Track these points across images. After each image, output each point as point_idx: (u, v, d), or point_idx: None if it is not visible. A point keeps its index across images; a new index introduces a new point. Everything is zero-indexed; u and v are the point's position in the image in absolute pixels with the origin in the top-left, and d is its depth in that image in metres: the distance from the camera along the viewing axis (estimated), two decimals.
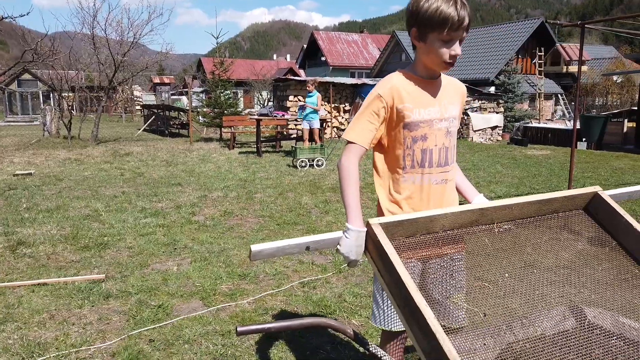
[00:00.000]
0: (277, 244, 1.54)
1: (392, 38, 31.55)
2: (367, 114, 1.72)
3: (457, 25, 1.60)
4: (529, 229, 1.71)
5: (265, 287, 3.64)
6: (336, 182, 7.89)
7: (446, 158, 1.81)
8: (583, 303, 1.65)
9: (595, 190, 1.72)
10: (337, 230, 5.08)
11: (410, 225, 1.54)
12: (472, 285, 1.66)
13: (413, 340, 1.40)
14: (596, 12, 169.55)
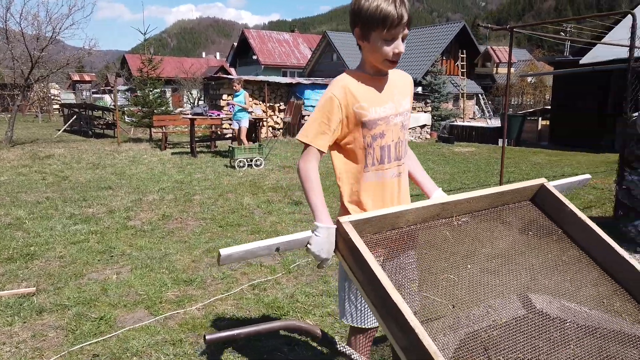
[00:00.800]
0: (247, 246, 1.49)
1: (323, 38, 31.88)
2: (321, 116, 1.71)
3: (397, 23, 1.62)
4: (484, 221, 1.79)
5: (214, 291, 3.53)
6: (277, 181, 7.84)
7: (401, 151, 1.85)
8: (533, 290, 1.75)
9: (541, 182, 1.82)
10: (281, 230, 5.06)
11: (378, 222, 1.55)
12: (437, 277, 1.71)
13: (390, 337, 1.40)
14: (510, 17, 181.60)
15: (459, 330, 1.62)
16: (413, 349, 1.31)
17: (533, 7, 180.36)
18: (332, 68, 30.19)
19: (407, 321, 1.30)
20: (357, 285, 1.50)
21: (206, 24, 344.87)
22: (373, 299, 1.45)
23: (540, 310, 1.72)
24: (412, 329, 1.28)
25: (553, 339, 1.56)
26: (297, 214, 5.80)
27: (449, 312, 1.58)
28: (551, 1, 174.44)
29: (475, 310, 1.67)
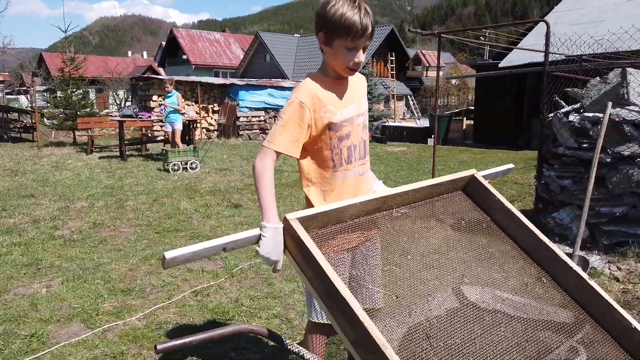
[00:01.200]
0: (193, 248, 1.47)
1: (255, 39, 31.65)
2: (293, 123, 1.69)
3: (361, 33, 1.66)
4: (421, 212, 1.89)
5: (154, 300, 3.43)
6: (214, 184, 7.70)
7: (364, 150, 1.92)
8: (467, 282, 1.88)
9: (472, 173, 1.95)
10: (222, 234, 4.99)
11: (323, 217, 1.59)
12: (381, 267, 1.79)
13: (339, 330, 1.45)
14: (434, 21, 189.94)
15: (403, 323, 1.71)
16: (362, 342, 1.36)
17: (455, 12, 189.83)
18: (265, 69, 30.06)
19: (356, 315, 1.34)
20: (305, 281, 1.52)
21: (131, 21, 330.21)
22: (321, 294, 1.49)
23: (474, 300, 1.85)
24: (360, 323, 1.33)
25: (486, 324, 1.69)
26: (237, 217, 5.75)
27: (394, 306, 1.66)
28: (471, 7, 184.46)
29: (417, 303, 1.77)
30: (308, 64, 29.32)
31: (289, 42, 32.39)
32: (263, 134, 16.07)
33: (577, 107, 4.33)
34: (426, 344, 1.58)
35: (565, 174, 4.25)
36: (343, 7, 1.64)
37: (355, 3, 1.66)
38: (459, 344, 1.57)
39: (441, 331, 1.63)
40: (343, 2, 1.65)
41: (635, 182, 3.80)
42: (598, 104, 4.12)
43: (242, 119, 15.67)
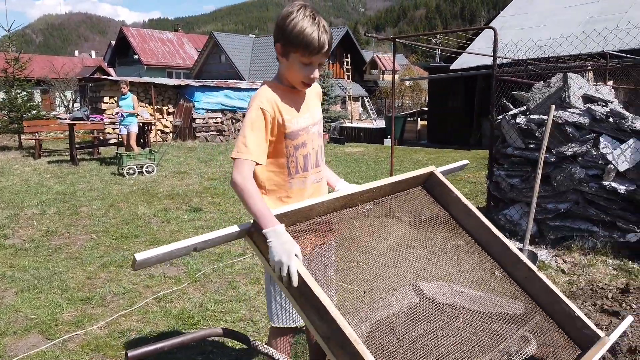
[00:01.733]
0: (164, 249, 1.45)
1: (210, 39, 31.20)
2: (258, 130, 1.70)
3: (318, 50, 1.69)
4: (384, 208, 1.99)
5: (115, 308, 3.37)
6: (172, 188, 7.58)
7: (320, 158, 1.97)
8: (428, 278, 1.99)
9: (431, 169, 2.07)
10: (182, 239, 4.93)
11: (293, 215, 1.65)
12: (349, 265, 1.87)
13: (311, 327, 1.51)
14: (387, 23, 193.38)
15: (369, 318, 1.79)
16: (334, 336, 1.42)
17: (407, 15, 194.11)
18: (220, 69, 29.70)
19: (328, 312, 1.41)
20: (276, 279, 1.56)
21: (77, 19, 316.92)
22: (293, 292, 1.54)
23: (434, 294, 1.97)
24: (333, 319, 1.40)
25: (445, 316, 1.81)
26: (197, 220, 5.70)
27: (360, 302, 1.75)
28: (422, 10, 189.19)
29: (383, 299, 1.87)
30: (264, 65, 29.22)
31: (244, 42, 32.14)
32: (220, 136, 15.90)
33: (523, 110, 4.59)
34: (392, 337, 1.68)
35: (514, 173, 4.49)
36: (303, 22, 1.66)
37: (315, 20, 1.69)
38: (422, 335, 1.68)
39: (405, 324, 1.73)
40: (303, 17, 1.68)
41: (577, 180, 4.07)
42: (542, 106, 4.39)
43: (198, 120, 15.44)
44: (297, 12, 1.70)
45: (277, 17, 1.77)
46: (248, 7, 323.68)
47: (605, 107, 4.18)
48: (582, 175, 4.05)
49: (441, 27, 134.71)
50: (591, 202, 4.10)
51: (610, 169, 3.92)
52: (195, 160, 10.87)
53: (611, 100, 4.34)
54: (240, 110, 16.17)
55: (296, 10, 1.70)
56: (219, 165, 10.25)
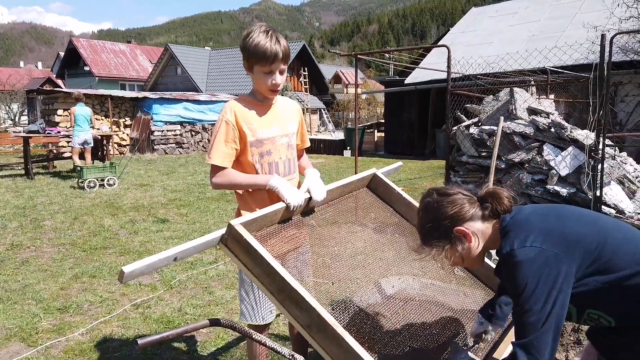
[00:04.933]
0: (147, 260, 1.60)
1: (165, 51, 30.85)
2: (221, 138, 1.99)
3: (273, 59, 1.95)
4: (337, 208, 2.23)
5: (94, 315, 3.43)
6: (137, 200, 7.55)
7: (290, 167, 2.19)
8: (399, 272, 2.25)
9: (373, 171, 2.37)
10: (152, 249, 4.99)
11: (260, 221, 1.86)
12: (316, 260, 2.09)
13: (292, 319, 1.70)
14: (341, 37, 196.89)
15: (347, 308, 2.02)
16: (314, 324, 1.60)
17: (360, 29, 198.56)
18: (177, 81, 29.41)
19: (307, 302, 1.60)
20: (253, 279, 1.75)
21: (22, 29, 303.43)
22: (271, 289, 1.72)
23: (406, 285, 2.23)
24: (312, 308, 1.59)
25: (417, 301, 2.07)
26: (165, 231, 5.75)
27: (337, 297, 1.97)
28: (375, 25, 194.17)
29: (361, 291, 2.11)
30: (221, 77, 29.18)
31: (200, 55, 31.99)
32: (179, 148, 15.79)
33: (476, 121, 5.00)
34: (368, 322, 1.91)
35: (469, 179, 4.87)
36: (258, 37, 1.94)
37: (269, 34, 1.96)
38: (395, 320, 1.93)
39: (380, 313, 1.97)
40: (259, 33, 1.96)
41: (525, 184, 4.48)
42: (492, 118, 4.80)
43: (156, 133, 15.29)
44: (255, 31, 1.99)
45: (241, 40, 2.04)
46: (202, 19, 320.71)
47: (547, 119, 4.64)
48: (529, 180, 4.46)
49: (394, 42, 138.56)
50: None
51: (553, 174, 4.35)
52: (156, 173, 10.81)
53: (552, 112, 4.81)
54: (200, 122, 16.14)
55: (254, 30, 1.99)
56: (181, 177, 10.24)
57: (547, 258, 1.27)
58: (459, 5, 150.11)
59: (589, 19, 11.46)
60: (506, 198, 1.44)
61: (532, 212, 1.41)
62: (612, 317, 1.34)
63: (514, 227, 1.37)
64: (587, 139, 4.26)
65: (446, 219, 1.44)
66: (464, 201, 1.45)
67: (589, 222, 1.37)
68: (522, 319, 1.29)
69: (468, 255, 1.45)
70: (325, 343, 1.60)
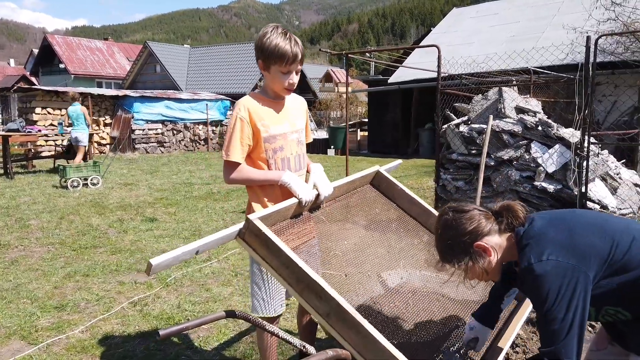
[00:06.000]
0: (172, 253, 1.66)
1: (144, 48, 30.39)
2: (237, 135, 2.03)
3: (292, 60, 2.02)
4: (344, 203, 2.30)
5: (92, 313, 3.41)
6: (123, 199, 7.47)
7: (300, 163, 2.25)
8: (402, 265, 2.32)
9: (376, 169, 2.45)
10: (144, 247, 4.98)
11: (276, 215, 1.92)
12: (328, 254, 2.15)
13: (310, 308, 1.75)
14: (321, 36, 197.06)
15: (359, 298, 2.07)
16: (333, 312, 1.66)
17: (340, 28, 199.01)
18: (156, 79, 29.02)
19: (327, 292, 1.66)
20: (271, 271, 1.80)
21: None
22: (290, 280, 1.78)
23: (408, 279, 2.30)
24: (332, 298, 1.65)
25: (418, 294, 2.15)
26: (155, 230, 5.71)
27: (348, 286, 2.03)
28: (355, 24, 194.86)
29: (368, 282, 2.17)
30: (201, 75, 28.91)
31: (180, 52, 31.62)
32: (161, 147, 15.62)
33: (465, 120, 5.11)
34: (381, 312, 1.98)
35: (459, 176, 4.98)
36: (277, 39, 1.99)
37: (287, 35, 2.02)
38: (401, 308, 2.01)
39: (387, 302, 2.04)
40: (276, 34, 2.00)
41: (513, 181, 4.61)
42: (482, 117, 4.92)
43: (137, 132, 15.09)
44: (270, 32, 2.03)
45: (255, 39, 2.10)
46: (180, 17, 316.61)
47: (534, 117, 4.78)
48: (518, 177, 4.59)
49: (374, 42, 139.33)
50: (525, 200, 4.65)
51: (540, 171, 4.49)
52: (139, 172, 10.69)
53: (539, 111, 4.96)
54: (182, 121, 16.00)
55: (270, 31, 2.04)
56: (165, 176, 10.15)
57: (565, 269, 1.35)
58: (438, 6, 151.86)
59: (567, 20, 11.77)
60: (520, 211, 1.50)
61: (546, 224, 1.46)
62: (629, 311, 1.43)
63: (529, 240, 1.43)
64: (573, 137, 4.41)
65: (465, 235, 1.49)
66: (480, 217, 1.51)
67: (598, 229, 1.43)
68: (547, 328, 1.37)
69: (489, 268, 1.50)
70: (345, 331, 1.65)
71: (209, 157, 14.51)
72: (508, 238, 1.51)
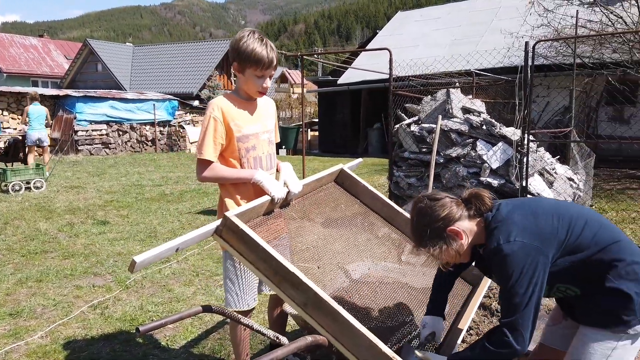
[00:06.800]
0: (154, 251, 1.72)
1: (84, 46, 29.12)
2: (210, 134, 2.10)
3: (268, 65, 2.11)
4: (312, 200, 2.43)
5: (51, 318, 3.33)
6: (70, 202, 7.20)
7: (271, 162, 2.34)
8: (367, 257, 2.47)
9: (340, 167, 2.60)
10: (98, 251, 4.88)
11: (250, 213, 2.01)
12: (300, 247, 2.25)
13: (287, 299, 1.86)
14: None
15: (330, 287, 2.20)
16: (310, 302, 1.77)
17: (287, 29, 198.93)
18: (97, 79, 27.90)
19: (304, 282, 1.77)
20: (249, 266, 1.89)
21: None
22: (267, 273, 1.88)
23: (374, 268, 2.45)
24: (309, 288, 1.76)
25: (382, 281, 2.30)
26: (108, 233, 5.58)
27: (320, 277, 2.15)
28: (301, 25, 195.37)
29: (338, 273, 2.30)
30: (146, 74, 28.07)
31: (123, 51, 30.55)
32: (106, 149, 15.09)
33: (416, 120, 5.36)
34: (352, 298, 2.11)
35: (411, 173, 5.22)
36: (254, 44, 2.07)
37: (263, 41, 2.11)
38: (369, 296, 2.15)
39: (356, 291, 2.18)
40: (253, 39, 2.09)
41: (461, 177, 4.90)
42: (431, 117, 5.18)
43: (80, 133, 14.51)
44: (247, 36, 2.12)
45: (231, 41, 2.17)
46: (120, 14, 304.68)
47: (479, 117, 5.09)
48: (465, 173, 4.88)
49: (320, 42, 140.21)
50: None
51: (485, 167, 4.80)
52: (85, 175, 10.31)
53: (483, 111, 5.29)
54: (128, 121, 15.52)
55: (247, 35, 2.12)
56: (114, 178, 9.85)
57: (529, 250, 1.52)
58: (382, 9, 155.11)
59: (504, 25, 12.46)
60: (487, 198, 1.66)
61: (512, 210, 1.63)
62: (578, 287, 1.63)
63: (497, 224, 1.60)
64: (514, 135, 4.74)
65: (439, 221, 1.63)
66: (452, 204, 1.65)
67: (557, 214, 1.62)
68: (508, 302, 1.54)
69: (461, 250, 1.65)
70: (322, 318, 1.77)
71: (157, 158, 14.17)
72: (477, 223, 1.66)
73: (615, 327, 1.58)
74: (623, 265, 1.56)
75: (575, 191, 5.49)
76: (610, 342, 1.60)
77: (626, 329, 1.58)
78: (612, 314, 1.58)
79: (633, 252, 1.60)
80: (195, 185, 8.87)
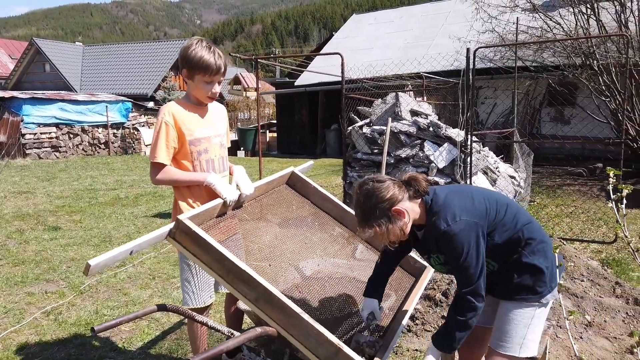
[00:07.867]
0: (108, 254, 1.79)
1: (30, 46, 27.91)
2: (162, 138, 2.19)
3: (216, 72, 2.22)
4: (263, 202, 2.55)
5: (2, 325, 3.29)
6: (19, 209, 6.99)
7: (223, 165, 2.45)
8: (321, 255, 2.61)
9: (292, 169, 2.75)
10: (50, 257, 4.82)
11: (203, 215, 2.12)
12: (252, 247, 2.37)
13: (240, 296, 1.98)
14: (225, 36, 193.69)
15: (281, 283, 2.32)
16: (261, 297, 1.89)
17: (244, 29, 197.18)
18: (45, 79, 26.82)
19: (254, 279, 1.89)
20: (202, 266, 1.99)
21: None
22: (220, 272, 1.99)
23: (323, 264, 2.60)
24: (259, 283, 1.89)
25: (331, 277, 2.45)
26: (61, 238, 5.48)
27: (271, 274, 2.28)
28: (259, 25, 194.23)
29: (289, 271, 2.43)
30: (97, 75, 27.22)
31: (72, 51, 29.47)
32: (56, 152, 14.59)
33: (368, 122, 5.57)
34: (302, 293, 2.25)
35: (364, 174, 5.42)
36: (201, 51, 2.18)
37: (211, 49, 2.22)
38: (318, 291, 2.29)
39: (306, 286, 2.32)
40: (201, 47, 2.20)
41: None
42: (382, 119, 5.40)
43: (28, 136, 13.96)
44: (195, 44, 2.23)
45: (180, 50, 2.27)
46: (69, 12, 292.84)
47: (426, 119, 5.35)
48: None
49: (278, 43, 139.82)
50: None
51: (432, 167, 5.05)
52: (34, 179, 9.98)
53: (430, 113, 5.56)
54: (79, 124, 15.06)
55: (195, 43, 2.24)
56: (65, 183, 9.59)
57: (472, 226, 1.74)
58: (339, 10, 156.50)
59: (453, 29, 12.96)
60: (423, 180, 1.85)
61: (449, 193, 1.83)
62: (496, 262, 1.85)
63: (439, 208, 1.78)
64: (459, 136, 5.03)
65: (385, 201, 1.78)
66: (395, 186, 1.81)
67: (487, 197, 1.86)
68: (465, 273, 1.76)
69: (405, 228, 1.81)
70: (272, 312, 1.90)
71: (111, 161, 13.84)
72: (419, 205, 1.83)
73: (532, 298, 1.83)
74: (535, 243, 1.82)
75: (516, 188, 5.85)
76: (529, 311, 1.84)
77: (540, 299, 1.83)
78: (527, 287, 1.82)
79: (541, 233, 1.87)
80: (151, 188, 8.77)
